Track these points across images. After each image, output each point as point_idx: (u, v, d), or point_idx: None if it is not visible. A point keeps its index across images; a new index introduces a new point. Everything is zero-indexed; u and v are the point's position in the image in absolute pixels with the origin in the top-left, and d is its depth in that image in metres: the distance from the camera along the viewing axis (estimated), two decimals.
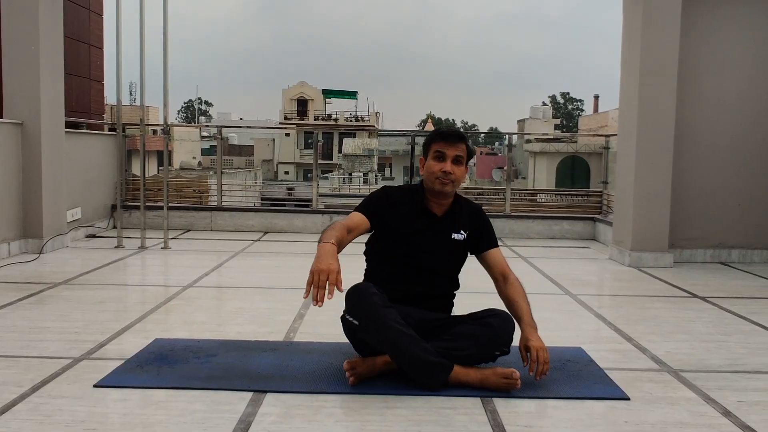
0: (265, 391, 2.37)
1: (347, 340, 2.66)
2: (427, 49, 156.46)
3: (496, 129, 77.07)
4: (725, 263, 5.46)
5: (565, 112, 78.29)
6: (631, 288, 4.53)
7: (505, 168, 11.25)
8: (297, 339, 3.09)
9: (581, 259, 5.74)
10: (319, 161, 7.75)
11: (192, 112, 70.86)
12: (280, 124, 43.77)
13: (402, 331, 2.37)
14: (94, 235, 6.27)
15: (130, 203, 6.94)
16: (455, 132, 2.67)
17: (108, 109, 12.25)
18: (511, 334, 2.54)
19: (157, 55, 5.85)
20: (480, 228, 2.73)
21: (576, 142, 26.99)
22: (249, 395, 2.34)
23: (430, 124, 58.41)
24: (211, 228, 6.93)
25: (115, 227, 6.54)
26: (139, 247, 5.62)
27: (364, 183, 23.67)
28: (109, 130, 7.68)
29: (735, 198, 5.49)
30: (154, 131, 23.07)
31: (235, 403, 2.27)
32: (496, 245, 2.77)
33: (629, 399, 2.39)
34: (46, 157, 5.31)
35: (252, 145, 43.32)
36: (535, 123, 38.24)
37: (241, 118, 52.80)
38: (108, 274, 4.59)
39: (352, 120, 44.16)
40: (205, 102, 77.78)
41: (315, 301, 2.16)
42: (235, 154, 41.62)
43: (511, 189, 7.40)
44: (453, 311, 2.84)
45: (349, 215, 2.59)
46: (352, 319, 2.47)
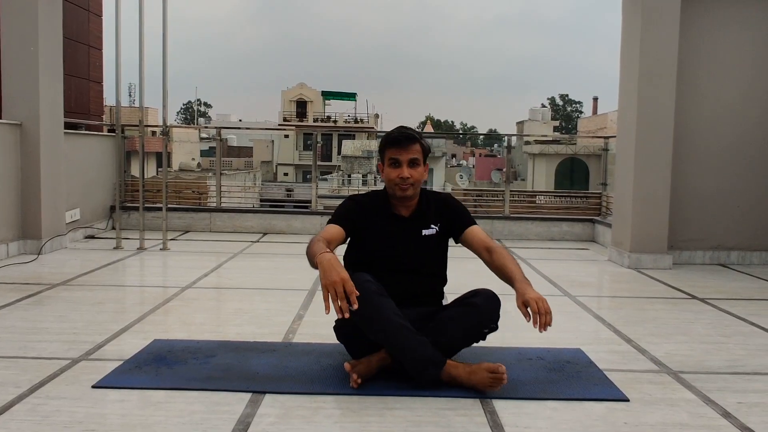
0: (264, 392, 2.37)
1: None
2: (426, 51, 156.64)
3: (495, 131, 77.11)
4: (724, 265, 5.46)
5: (564, 113, 78.37)
6: (630, 289, 4.53)
7: (504, 170, 11.26)
8: (296, 340, 3.08)
9: (580, 261, 5.74)
10: (318, 163, 7.75)
11: (191, 114, 70.84)
12: (280, 125, 43.77)
13: (399, 322, 2.37)
14: (92, 236, 6.27)
15: (129, 204, 6.94)
16: (406, 135, 2.61)
17: (107, 110, 12.26)
18: (497, 311, 2.54)
19: (157, 56, 5.86)
20: (451, 213, 2.72)
21: (575, 143, 27.03)
22: (248, 396, 2.34)
23: (429, 126, 58.46)
24: (210, 229, 6.93)
25: (113, 228, 6.53)
26: (137, 249, 5.62)
27: (363, 184, 23.68)
28: (108, 131, 7.68)
29: (734, 200, 5.49)
30: (153, 132, 23.08)
31: (234, 403, 2.27)
32: (473, 223, 2.72)
33: (628, 400, 2.39)
34: (45, 158, 5.31)
35: (251, 147, 43.37)
36: (534, 125, 38.28)
37: (240, 120, 52.82)
38: (107, 275, 4.59)
39: (352, 122, 44.16)
40: (205, 103, 77.85)
41: (340, 313, 2.19)
42: (234, 155, 41.67)
43: (510, 191, 7.41)
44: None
45: (324, 228, 2.59)
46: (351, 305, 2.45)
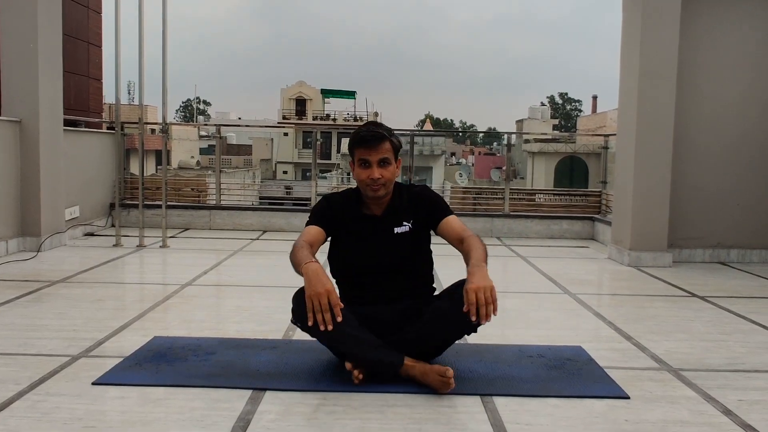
0: (264, 389, 2.37)
1: None
2: (425, 50, 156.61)
3: (494, 129, 77.13)
4: (724, 263, 5.46)
5: (564, 112, 78.35)
6: (630, 287, 4.53)
7: (504, 168, 11.25)
8: (296, 337, 3.07)
9: (580, 259, 5.74)
10: (318, 161, 7.75)
11: (190, 112, 70.79)
12: (279, 123, 43.74)
13: (350, 334, 2.36)
14: (92, 234, 6.26)
15: (128, 202, 6.93)
16: (374, 134, 2.51)
17: (106, 108, 12.25)
18: None
19: (156, 54, 5.84)
20: (425, 207, 2.63)
21: (574, 142, 27.03)
22: (248, 393, 2.33)
23: (428, 124, 58.45)
24: (209, 227, 6.92)
25: (113, 226, 6.52)
26: (137, 246, 5.61)
27: None
28: (107, 128, 7.66)
29: (734, 198, 5.49)
30: (153, 130, 23.05)
31: (234, 400, 2.27)
32: (448, 214, 2.62)
33: (629, 398, 2.38)
34: (45, 155, 5.30)
35: (250, 145, 43.34)
36: (534, 123, 38.29)
37: (239, 118, 52.77)
38: (106, 272, 4.58)
39: (351, 120, 44.13)
40: (204, 101, 77.76)
41: (323, 325, 2.23)
42: (233, 153, 41.67)
43: (510, 189, 7.40)
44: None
45: (304, 230, 2.57)
46: (296, 323, 2.45)
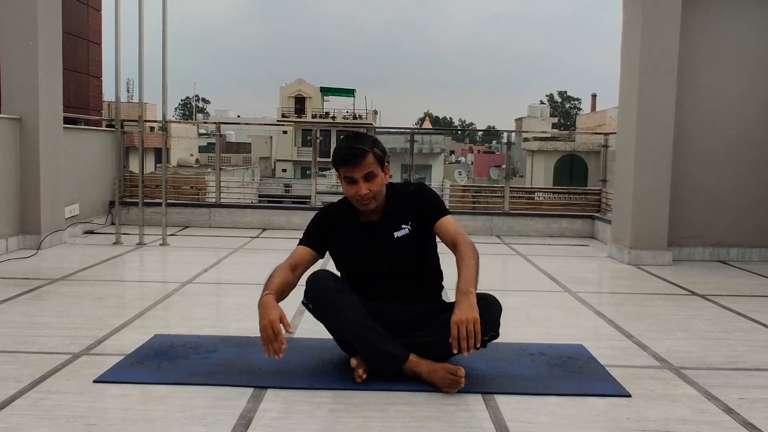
0: (266, 387, 2.37)
1: None
2: (425, 48, 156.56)
3: (493, 127, 77.13)
4: (724, 261, 5.47)
5: (563, 110, 78.39)
6: (630, 286, 4.53)
7: (503, 166, 11.26)
8: (297, 335, 3.08)
9: (580, 257, 5.74)
10: (317, 159, 7.74)
11: (189, 109, 70.73)
12: (278, 121, 43.71)
13: (357, 318, 2.40)
14: (92, 232, 6.25)
15: (128, 200, 6.92)
16: (355, 152, 2.46)
17: (105, 106, 12.23)
18: (497, 318, 2.47)
19: (155, 52, 5.83)
20: (421, 207, 2.59)
21: (573, 140, 27.03)
22: (250, 391, 2.33)
23: (428, 122, 58.46)
24: (209, 225, 6.92)
25: (113, 224, 6.52)
26: (137, 244, 5.61)
27: None
28: (106, 126, 7.65)
29: (734, 197, 5.49)
30: (152, 128, 23.03)
31: (236, 398, 2.27)
32: (443, 214, 2.57)
33: (630, 396, 2.38)
34: (45, 152, 5.29)
35: (249, 143, 43.30)
36: (533, 121, 38.29)
37: (238, 116, 52.72)
38: (106, 270, 4.58)
39: (350, 118, 44.12)
40: (203, 99, 77.71)
41: (273, 354, 2.29)
42: (232, 151, 41.60)
43: (510, 187, 7.40)
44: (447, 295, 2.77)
45: (294, 250, 2.61)
46: (308, 304, 2.49)
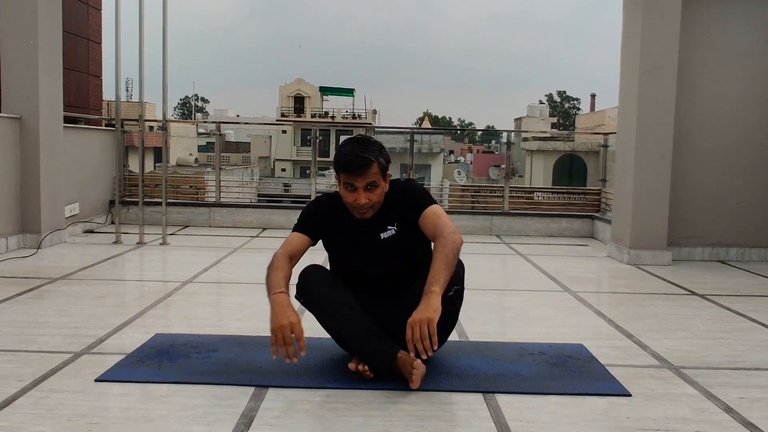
0: (267, 386, 2.37)
1: None
2: (424, 48, 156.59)
3: (493, 127, 77.16)
4: (723, 261, 5.48)
5: (562, 110, 78.42)
6: (630, 285, 4.54)
7: (503, 166, 11.26)
8: None
9: (580, 257, 5.75)
10: (317, 158, 7.74)
11: (189, 109, 70.69)
12: (277, 120, 43.69)
13: (349, 315, 2.43)
14: (92, 231, 6.25)
15: (128, 199, 6.92)
16: (360, 161, 2.39)
17: (104, 105, 12.22)
18: (459, 275, 2.50)
19: (154, 51, 5.83)
20: (406, 205, 2.53)
21: (573, 140, 27.05)
22: (251, 390, 2.34)
23: (427, 122, 58.46)
24: (209, 224, 6.92)
25: (113, 223, 6.52)
26: (137, 243, 5.61)
27: None
28: (105, 125, 7.65)
29: (733, 197, 5.49)
30: (151, 128, 23.03)
31: (237, 397, 2.27)
32: (425, 207, 2.49)
33: (630, 395, 2.39)
34: (45, 152, 5.29)
35: (249, 142, 43.29)
36: (532, 121, 38.30)
37: (237, 115, 52.70)
38: (106, 269, 4.58)
39: (349, 117, 44.12)
40: (202, 98, 77.68)
41: (288, 359, 2.26)
42: (232, 150, 41.56)
43: (509, 187, 7.41)
44: None
45: (288, 238, 2.57)
46: (300, 299, 2.53)
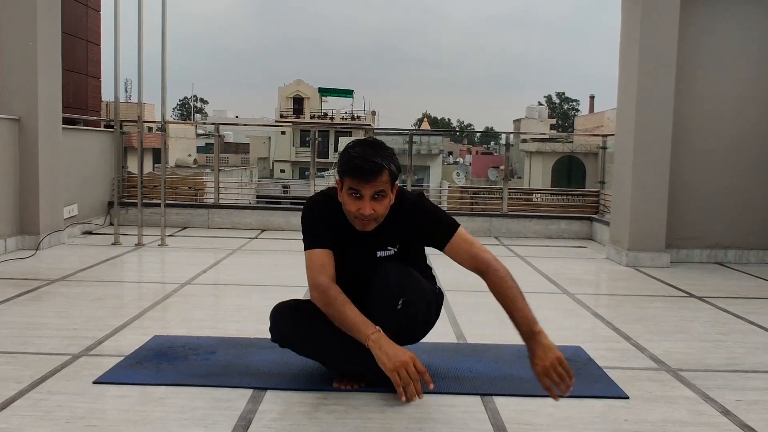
0: (265, 388, 2.37)
1: None
2: (423, 49, 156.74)
3: (491, 128, 77.25)
4: (721, 263, 5.48)
5: (561, 111, 78.54)
6: (628, 287, 4.54)
7: (502, 167, 11.25)
8: None
9: (578, 259, 5.76)
10: (316, 159, 7.75)
11: (187, 109, 70.72)
12: (276, 122, 43.72)
13: (321, 349, 2.37)
14: (90, 232, 6.25)
15: (126, 200, 6.92)
16: (371, 166, 2.18)
17: (103, 106, 12.21)
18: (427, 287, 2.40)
19: (154, 52, 5.83)
20: (422, 229, 2.36)
21: (572, 141, 27.08)
22: (249, 392, 2.34)
23: (426, 123, 58.48)
24: (208, 225, 6.92)
25: (111, 224, 6.52)
26: (136, 244, 5.61)
27: None
28: (104, 126, 7.65)
29: (732, 199, 5.51)
30: (150, 128, 23.03)
31: (236, 400, 2.27)
32: (451, 234, 2.32)
33: (628, 398, 2.39)
34: (43, 153, 5.29)
35: (248, 143, 43.30)
36: (531, 123, 38.33)
37: (236, 116, 52.71)
38: (105, 270, 4.58)
39: (348, 118, 44.15)
40: (201, 99, 77.73)
41: (416, 397, 2.14)
42: (231, 151, 41.59)
43: (508, 189, 7.41)
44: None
45: (315, 260, 2.31)
46: (276, 342, 2.44)
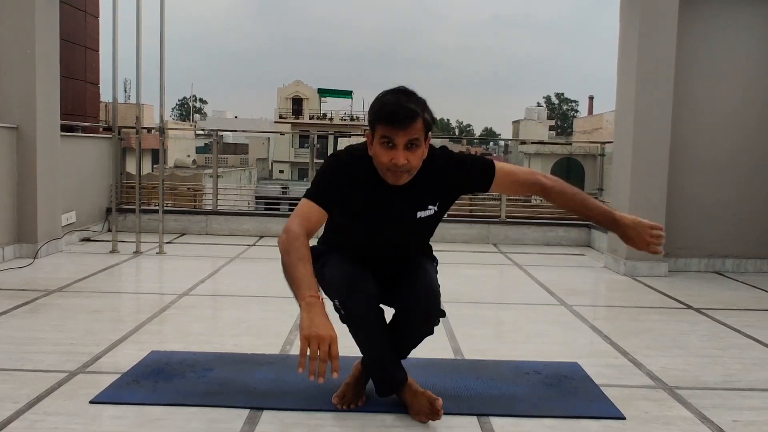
0: (262, 408, 2.37)
1: (341, 354, 2.66)
2: (422, 50, 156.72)
3: (490, 129, 77.27)
4: (719, 272, 5.49)
5: (560, 112, 78.56)
6: (626, 298, 4.54)
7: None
8: (293, 352, 3.08)
9: (576, 267, 5.76)
10: (315, 160, 7.75)
11: (186, 109, 70.67)
12: (275, 123, 43.74)
13: (378, 340, 2.26)
14: (88, 239, 6.25)
15: (124, 206, 6.92)
16: (405, 112, 2.06)
17: (102, 107, 12.19)
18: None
19: (153, 53, 5.80)
20: (462, 181, 2.27)
21: (570, 143, 27.10)
22: (246, 413, 2.34)
23: None
24: (206, 232, 6.92)
25: (109, 230, 6.52)
26: (134, 252, 5.60)
27: None
28: (104, 130, 7.65)
29: (729, 208, 5.51)
30: (149, 129, 23.02)
31: (232, 420, 2.27)
32: (492, 174, 2.25)
33: (625, 418, 2.39)
34: (42, 161, 5.29)
35: (247, 144, 43.31)
36: (530, 124, 38.33)
37: (236, 116, 52.69)
38: (103, 280, 4.57)
39: (347, 119, 44.14)
40: (200, 99, 77.66)
41: (313, 376, 1.83)
42: (230, 152, 41.58)
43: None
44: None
45: (303, 209, 2.12)
46: (340, 310, 2.23)
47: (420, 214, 2.24)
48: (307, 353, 1.84)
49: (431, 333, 2.34)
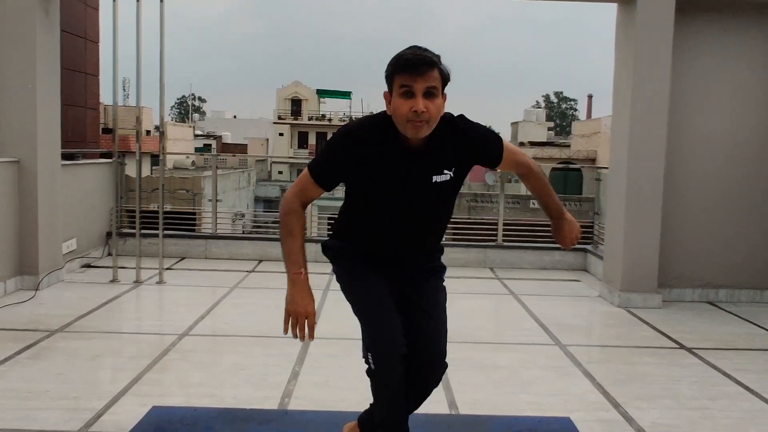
0: None
1: (339, 408, 2.73)
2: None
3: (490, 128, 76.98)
4: (713, 302, 5.55)
5: (559, 111, 78.59)
6: (620, 336, 4.61)
7: (500, 171, 11.28)
8: (292, 405, 3.15)
9: (572, 297, 5.81)
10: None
11: (185, 109, 70.64)
12: (274, 123, 43.76)
13: (394, 395, 2.30)
14: (89, 265, 6.30)
15: (125, 231, 6.96)
16: (423, 58, 2.06)
17: (102, 108, 12.22)
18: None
19: (152, 53, 5.82)
20: (477, 149, 2.26)
21: (569, 146, 27.15)
22: None
23: None
24: (205, 256, 6.98)
25: (110, 254, 6.56)
26: (134, 282, 5.65)
27: None
28: (101, 156, 7.69)
29: (723, 238, 5.57)
30: (148, 132, 23.05)
31: None
32: (501, 151, 2.28)
33: None
34: (43, 194, 5.34)
35: (246, 144, 43.34)
36: (529, 126, 38.36)
37: (234, 116, 52.73)
38: (104, 317, 4.63)
39: (347, 120, 44.15)
40: (199, 98, 77.57)
41: (296, 338, 2.17)
42: (229, 152, 41.58)
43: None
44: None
45: (304, 183, 2.22)
46: (371, 365, 2.25)
47: (436, 179, 2.20)
48: (289, 321, 2.18)
49: (438, 384, 2.43)
